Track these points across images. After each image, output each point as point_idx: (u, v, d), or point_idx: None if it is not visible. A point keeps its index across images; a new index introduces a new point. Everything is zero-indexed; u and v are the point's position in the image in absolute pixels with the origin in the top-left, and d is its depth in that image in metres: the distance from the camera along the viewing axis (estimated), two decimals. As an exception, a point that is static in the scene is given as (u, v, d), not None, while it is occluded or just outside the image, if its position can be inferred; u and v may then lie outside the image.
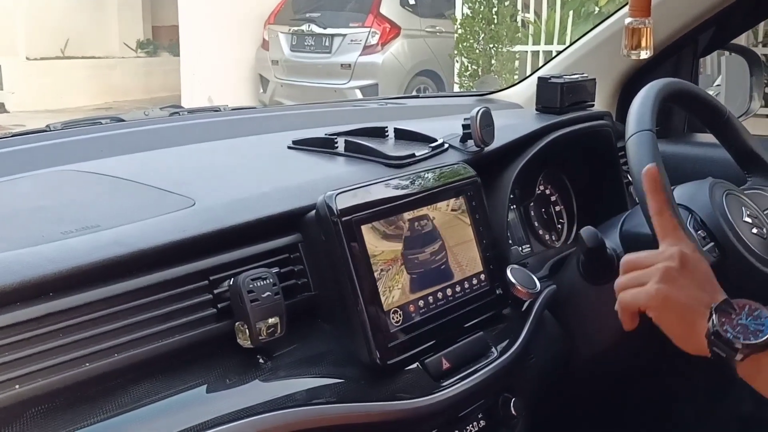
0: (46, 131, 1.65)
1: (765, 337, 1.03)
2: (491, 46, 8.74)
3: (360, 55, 9.76)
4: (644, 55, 1.44)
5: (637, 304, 1.13)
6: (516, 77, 8.23)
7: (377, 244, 1.26)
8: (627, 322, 1.16)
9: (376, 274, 1.25)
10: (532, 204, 1.84)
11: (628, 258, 1.18)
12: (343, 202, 1.24)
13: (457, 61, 9.05)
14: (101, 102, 11.27)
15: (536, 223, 1.84)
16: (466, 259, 1.40)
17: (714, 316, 1.06)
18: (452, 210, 1.40)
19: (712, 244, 1.47)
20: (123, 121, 1.77)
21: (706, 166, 1.88)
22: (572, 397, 1.70)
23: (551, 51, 8.02)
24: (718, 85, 2.80)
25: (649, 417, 1.92)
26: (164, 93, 11.17)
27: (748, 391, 1.11)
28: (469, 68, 8.83)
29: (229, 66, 10.47)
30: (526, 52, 8.78)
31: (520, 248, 1.78)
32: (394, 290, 1.27)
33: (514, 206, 1.80)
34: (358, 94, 9.24)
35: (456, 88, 8.94)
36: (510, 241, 1.73)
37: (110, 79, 11.95)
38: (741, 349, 1.04)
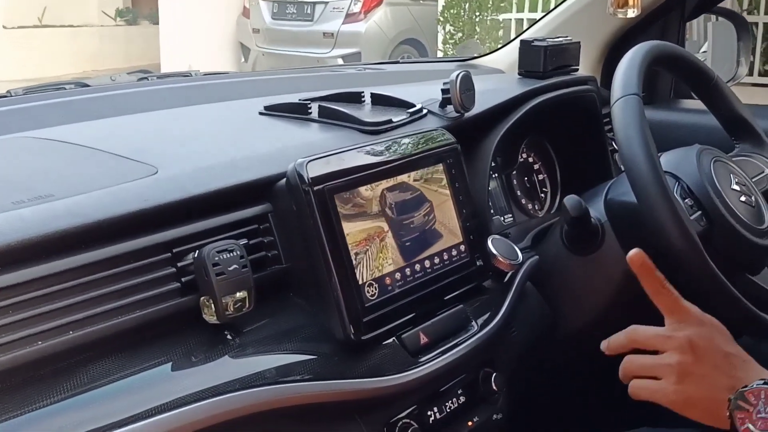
0: (7, 96, 1.58)
1: None
2: (477, 13, 8.68)
3: (342, 23, 9.67)
4: (631, 13, 1.39)
5: (654, 399, 1.12)
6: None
7: (351, 214, 1.20)
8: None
9: (350, 246, 1.19)
10: (514, 172, 1.79)
11: (634, 333, 1.17)
12: (315, 170, 1.18)
13: (441, 29, 8.97)
14: (80, 71, 11.11)
15: (519, 192, 1.79)
16: (445, 229, 1.34)
17: (733, 415, 1.04)
18: (431, 178, 1.34)
19: (700, 212, 1.43)
20: (88, 86, 1.70)
21: (693, 133, 1.84)
22: (555, 372, 1.66)
23: (536, 18, 7.96)
24: (704, 52, 2.75)
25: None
26: (144, 61, 11.03)
27: None
28: (454, 36, 8.76)
29: (210, 34, 10.36)
30: (511, 20, 8.72)
31: (502, 218, 1.73)
32: (370, 263, 1.21)
33: (496, 174, 1.75)
34: (341, 63, 9.16)
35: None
36: (491, 211, 1.68)
37: (89, 47, 11.79)
38: None
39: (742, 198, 1.48)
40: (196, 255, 1.09)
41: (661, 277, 1.16)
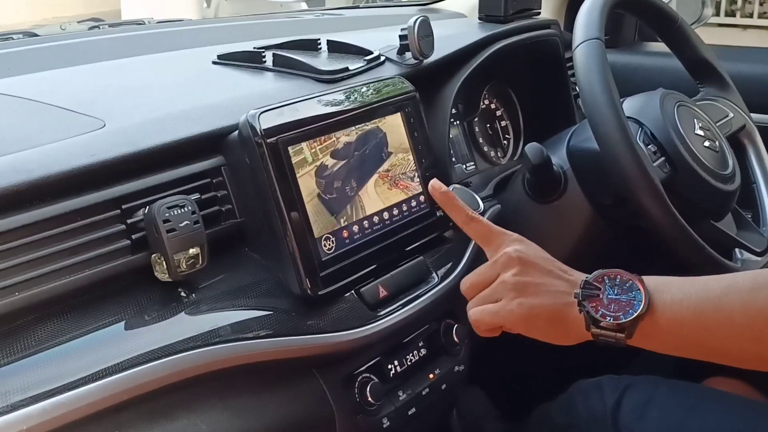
0: (-51, 47, 1.53)
1: (641, 305, 0.96)
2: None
3: (306, -34, 9.51)
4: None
5: (500, 324, 1.06)
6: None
7: (306, 166, 1.17)
8: (488, 335, 1.10)
9: (305, 199, 1.16)
10: (476, 119, 1.76)
11: (465, 281, 1.11)
12: (267, 122, 1.14)
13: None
14: (39, 18, 10.86)
15: (481, 140, 1.76)
16: (404, 180, 1.32)
17: (584, 305, 0.99)
18: (389, 128, 1.31)
19: (663, 158, 1.42)
20: (37, 36, 1.65)
21: (657, 77, 1.82)
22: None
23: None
24: (669, -8, 2.73)
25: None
26: (106, 8, 10.81)
27: None
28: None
29: (172, -21, 10.15)
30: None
31: (464, 166, 1.70)
32: (326, 216, 1.18)
33: (457, 122, 1.72)
34: (305, 8, 9.03)
35: None
36: (453, 159, 1.66)
37: (48, -7, 11.53)
38: (628, 326, 0.97)
39: (706, 143, 1.47)
40: (146, 211, 1.06)
41: (466, 206, 1.12)
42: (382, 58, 1.49)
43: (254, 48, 1.48)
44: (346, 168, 1.23)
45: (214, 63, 1.47)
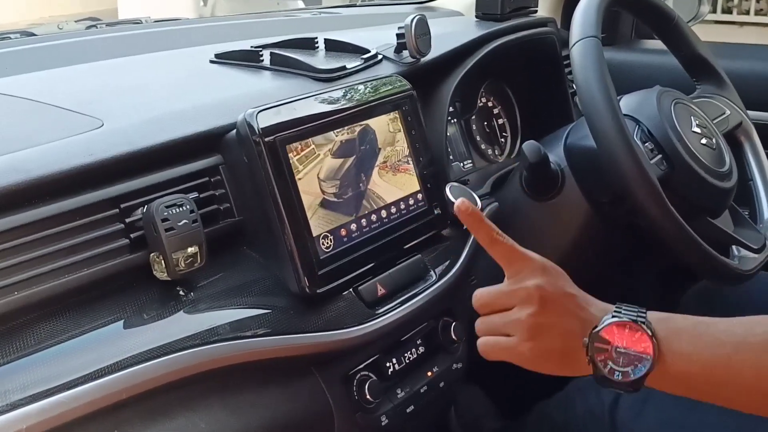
0: (-55, 46, 1.54)
1: (650, 362, 0.96)
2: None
3: (303, -37, 9.50)
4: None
5: (507, 358, 1.05)
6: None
7: (304, 164, 1.17)
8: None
9: (303, 198, 1.16)
10: (473, 117, 1.77)
11: (480, 297, 1.08)
12: (265, 120, 1.14)
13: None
14: (36, 17, 10.83)
15: (478, 138, 1.77)
16: (401, 178, 1.32)
17: (593, 359, 0.98)
18: (386, 126, 1.31)
19: (660, 156, 1.42)
20: (34, 35, 1.65)
21: (654, 74, 1.82)
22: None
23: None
24: (666, -10, 2.73)
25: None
26: (102, 7, 10.79)
27: None
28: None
29: (169, -22, 10.13)
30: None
31: (462, 164, 1.71)
32: (324, 214, 1.19)
33: (455, 120, 1.72)
34: (301, 6, 9.02)
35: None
36: (451, 157, 1.66)
37: (44, -8, 11.51)
38: (635, 382, 0.97)
39: (703, 140, 1.47)
40: (144, 210, 1.06)
41: (492, 226, 1.08)
42: (380, 57, 1.49)
43: (251, 47, 1.48)
44: (344, 166, 1.23)
45: (212, 62, 1.47)
